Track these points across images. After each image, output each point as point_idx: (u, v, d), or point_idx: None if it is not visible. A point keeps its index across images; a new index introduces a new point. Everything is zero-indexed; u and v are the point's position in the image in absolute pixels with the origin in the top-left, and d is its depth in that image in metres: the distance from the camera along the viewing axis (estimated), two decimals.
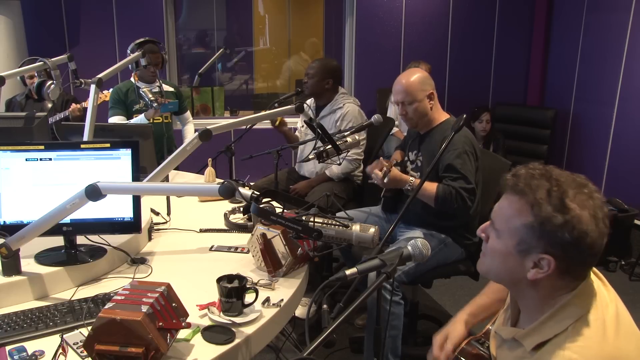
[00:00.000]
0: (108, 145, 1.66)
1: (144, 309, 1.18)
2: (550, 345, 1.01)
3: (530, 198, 1.01)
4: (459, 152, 2.25)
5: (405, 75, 2.40)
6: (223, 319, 1.42)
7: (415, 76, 2.37)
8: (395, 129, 4.01)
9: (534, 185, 1.02)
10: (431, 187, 2.26)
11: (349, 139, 2.29)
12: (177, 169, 2.71)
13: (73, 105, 3.56)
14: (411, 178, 2.32)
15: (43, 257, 1.64)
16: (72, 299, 1.52)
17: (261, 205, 1.41)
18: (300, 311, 2.56)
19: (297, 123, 3.49)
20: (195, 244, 1.99)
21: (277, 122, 3.13)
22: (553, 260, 1.00)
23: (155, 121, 3.25)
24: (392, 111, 4.18)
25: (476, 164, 2.30)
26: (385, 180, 2.26)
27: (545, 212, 0.99)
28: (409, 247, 1.26)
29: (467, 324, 1.43)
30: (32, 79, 3.59)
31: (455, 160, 2.24)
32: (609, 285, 1.10)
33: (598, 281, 1.09)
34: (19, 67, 2.66)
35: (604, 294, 1.07)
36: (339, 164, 2.35)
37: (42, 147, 1.63)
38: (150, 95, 3.05)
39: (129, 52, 3.18)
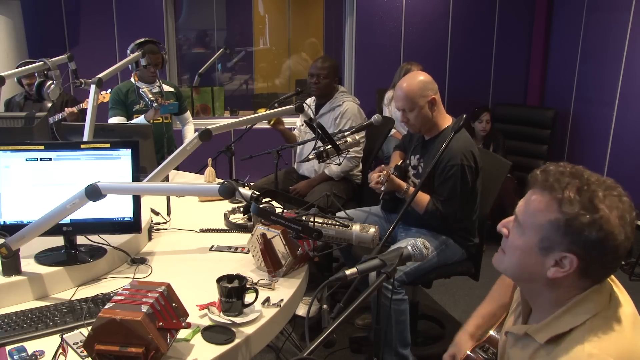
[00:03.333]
0: (108, 145, 1.66)
1: (144, 309, 1.18)
2: (568, 340, 1.00)
3: (559, 194, 0.99)
4: (455, 170, 2.23)
5: (405, 80, 2.35)
6: (223, 319, 1.42)
7: (416, 81, 2.32)
8: (394, 130, 4.01)
9: (564, 182, 1.00)
10: (423, 200, 2.30)
11: (349, 139, 2.29)
12: (177, 169, 2.71)
13: (67, 109, 3.55)
14: (406, 185, 2.34)
15: (43, 257, 1.64)
16: (72, 299, 1.52)
17: (261, 205, 1.41)
18: (301, 310, 2.56)
19: (296, 122, 3.49)
20: (195, 244, 1.99)
21: (272, 122, 3.13)
22: (576, 259, 0.98)
23: (155, 121, 3.25)
24: (387, 113, 4.19)
25: (474, 177, 2.29)
26: (382, 188, 2.28)
27: (573, 209, 0.97)
28: (409, 247, 1.26)
29: (472, 336, 1.43)
30: (31, 83, 3.58)
31: (451, 178, 2.24)
32: (623, 288, 1.10)
33: (612, 283, 1.08)
34: (17, 68, 2.66)
35: (618, 294, 1.07)
36: (339, 164, 2.35)
37: (42, 147, 1.63)
38: (150, 96, 3.05)
39: (129, 52, 3.19)
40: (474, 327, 1.45)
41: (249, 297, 1.47)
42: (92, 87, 2.44)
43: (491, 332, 1.38)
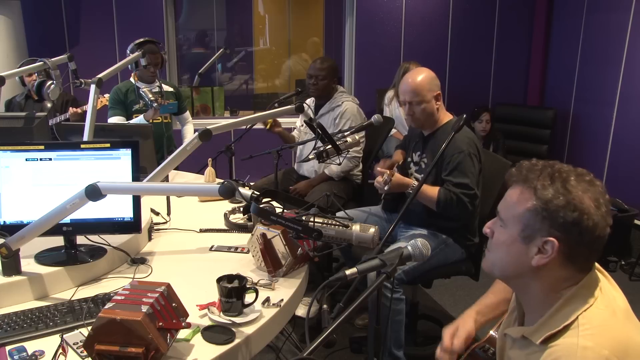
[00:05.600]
0: (108, 145, 1.66)
1: (144, 309, 1.18)
2: (561, 337, 1.02)
3: (534, 183, 1.05)
4: (462, 156, 2.24)
5: (413, 75, 2.36)
6: (223, 319, 1.42)
7: (423, 76, 2.34)
8: (394, 130, 4.01)
9: (537, 172, 1.06)
10: (432, 191, 2.26)
11: (349, 139, 2.29)
12: (177, 169, 2.71)
13: (71, 109, 3.56)
14: (413, 182, 2.32)
15: (43, 257, 1.64)
16: (72, 299, 1.52)
17: (261, 205, 1.41)
18: (301, 311, 2.56)
19: (296, 122, 3.49)
20: (195, 244, 1.99)
21: (268, 126, 3.13)
22: (557, 242, 1.02)
23: (155, 121, 3.25)
24: (387, 113, 4.18)
25: (479, 166, 2.30)
26: (386, 188, 2.26)
27: (547, 194, 1.02)
28: (409, 247, 1.26)
29: (475, 321, 1.44)
30: (30, 76, 3.59)
31: (459, 165, 2.24)
32: (615, 284, 1.11)
33: (603, 278, 1.10)
34: (19, 68, 2.66)
35: (610, 288, 1.08)
36: (339, 164, 2.35)
37: (42, 147, 1.63)
38: (150, 96, 3.05)
39: (128, 52, 3.19)
40: (477, 313, 1.46)
41: (249, 297, 1.47)
42: (92, 87, 2.45)
43: (491, 332, 1.38)
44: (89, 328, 1.20)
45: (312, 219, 1.65)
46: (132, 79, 3.42)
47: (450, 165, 2.26)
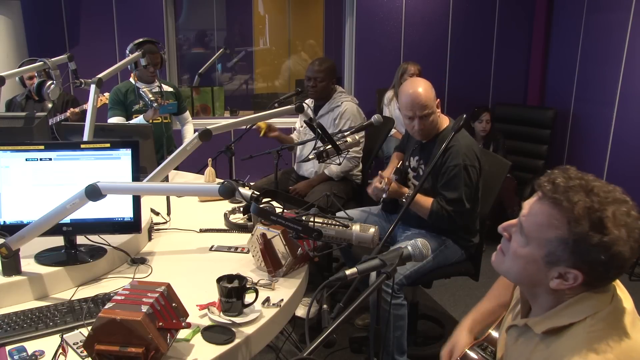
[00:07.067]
0: (108, 145, 1.66)
1: (144, 309, 1.18)
2: (567, 335, 1.01)
3: (568, 212, 0.97)
4: (458, 169, 2.23)
5: (414, 87, 2.28)
6: (223, 319, 1.42)
7: (426, 86, 2.28)
8: (394, 130, 4.01)
9: (573, 198, 0.97)
10: (426, 202, 2.28)
11: (348, 139, 2.29)
12: (177, 169, 2.71)
13: (71, 110, 3.56)
14: (408, 192, 2.33)
15: (43, 257, 1.64)
16: (72, 299, 1.52)
17: (261, 205, 1.41)
18: (301, 311, 2.56)
19: (295, 123, 3.49)
20: (195, 244, 2.00)
21: (262, 132, 3.14)
22: (581, 275, 0.99)
23: (154, 121, 3.25)
24: (387, 113, 4.18)
25: (477, 175, 2.29)
26: (384, 196, 2.27)
27: (582, 229, 0.96)
28: (409, 247, 1.26)
29: (471, 331, 1.44)
30: (32, 80, 3.59)
31: (454, 178, 2.23)
32: (622, 285, 1.10)
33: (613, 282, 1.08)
34: (18, 68, 2.66)
35: (619, 292, 1.07)
36: (339, 164, 2.35)
37: (42, 147, 1.63)
38: (150, 96, 3.05)
39: (127, 52, 3.19)
40: (472, 322, 1.45)
41: (249, 297, 1.48)
42: (92, 87, 2.45)
43: (490, 330, 1.38)
44: (89, 328, 1.20)
45: (312, 219, 1.65)
46: (131, 79, 3.42)
47: (445, 177, 2.26)
